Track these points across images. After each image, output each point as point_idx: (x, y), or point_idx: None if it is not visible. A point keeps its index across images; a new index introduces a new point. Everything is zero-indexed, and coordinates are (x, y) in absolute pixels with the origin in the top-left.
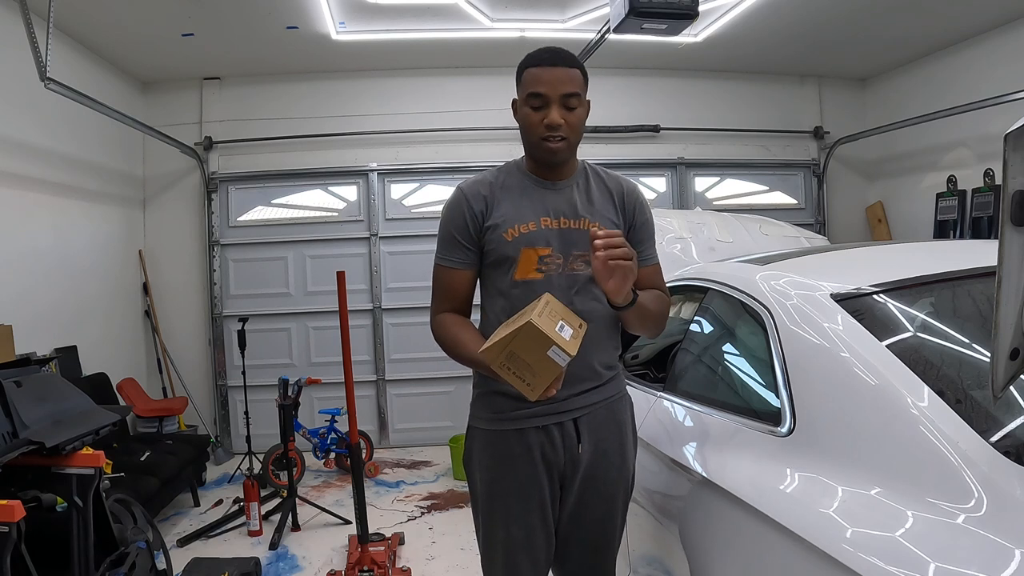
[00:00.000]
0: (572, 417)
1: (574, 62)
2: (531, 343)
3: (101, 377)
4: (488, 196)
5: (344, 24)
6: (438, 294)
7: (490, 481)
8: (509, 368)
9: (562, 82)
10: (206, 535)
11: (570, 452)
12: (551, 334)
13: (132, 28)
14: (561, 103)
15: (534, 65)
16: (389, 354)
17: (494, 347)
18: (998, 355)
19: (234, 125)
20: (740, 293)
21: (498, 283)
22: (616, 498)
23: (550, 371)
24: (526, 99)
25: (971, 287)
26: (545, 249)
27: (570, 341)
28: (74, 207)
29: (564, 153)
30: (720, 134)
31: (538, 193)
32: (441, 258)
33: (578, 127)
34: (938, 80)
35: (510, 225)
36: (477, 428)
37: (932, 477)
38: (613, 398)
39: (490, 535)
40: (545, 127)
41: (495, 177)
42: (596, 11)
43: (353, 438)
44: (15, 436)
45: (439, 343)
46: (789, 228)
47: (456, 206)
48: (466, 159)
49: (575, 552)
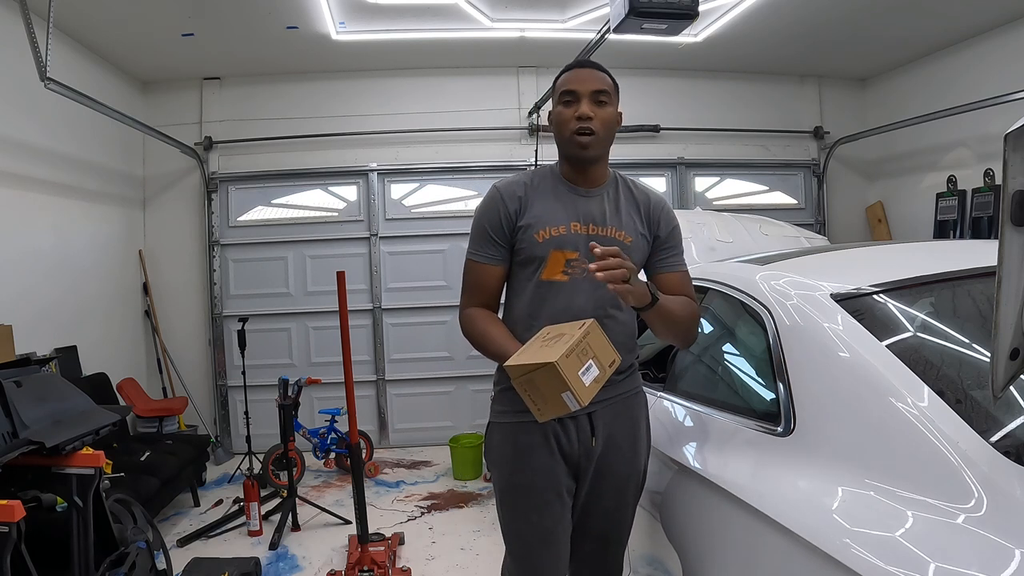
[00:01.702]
0: (588, 411)
1: (605, 70)
2: (550, 381)
3: (101, 377)
4: (523, 197)
5: (344, 24)
6: (468, 288)
7: (511, 473)
8: (526, 390)
9: (592, 80)
10: (206, 535)
11: (584, 444)
12: (571, 380)
13: (132, 28)
14: (591, 99)
15: (567, 71)
16: (389, 354)
17: (517, 367)
18: (998, 355)
19: (234, 125)
20: (740, 293)
21: (524, 281)
22: (626, 491)
23: (560, 408)
24: (559, 99)
25: (971, 287)
26: (573, 253)
27: (589, 387)
28: (74, 207)
29: (594, 148)
30: (720, 134)
31: (570, 198)
32: (473, 253)
33: (609, 124)
34: (938, 80)
35: (542, 227)
36: (496, 423)
37: (932, 477)
38: (627, 394)
39: (513, 527)
40: (576, 119)
41: (530, 179)
42: (596, 11)
43: (353, 438)
44: (15, 436)
45: (467, 336)
46: (789, 228)
47: (492, 203)
48: (466, 159)
49: (586, 543)
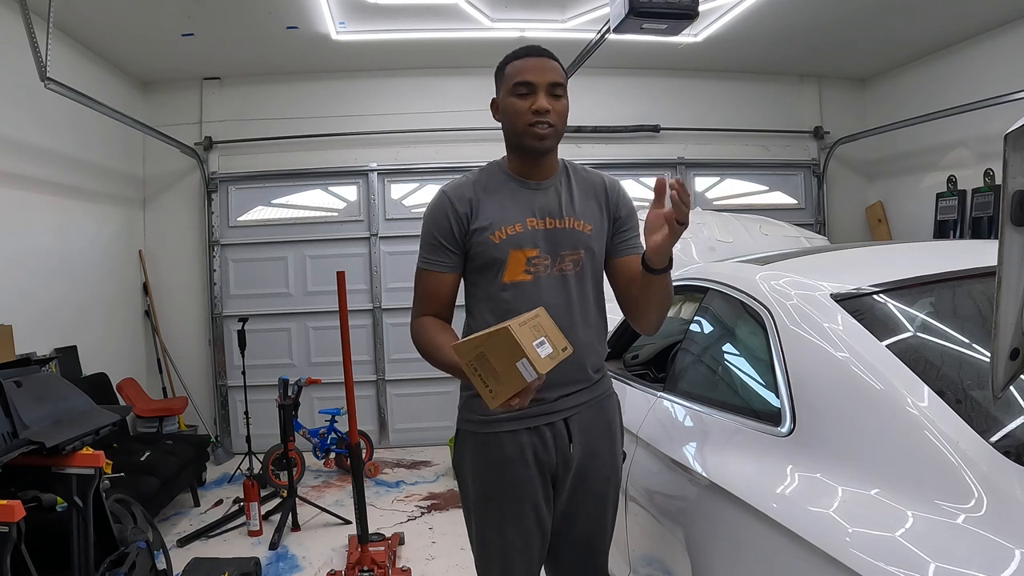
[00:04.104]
0: (563, 417)
1: (556, 57)
2: (503, 349)
3: (101, 377)
4: (472, 198)
5: (344, 24)
6: (420, 298)
7: (483, 484)
8: (476, 370)
9: (549, 72)
10: (206, 535)
11: (562, 452)
12: (525, 345)
13: (132, 28)
14: (548, 91)
15: (518, 59)
16: (389, 354)
17: (466, 344)
18: (998, 355)
19: (234, 125)
20: (740, 293)
21: (487, 287)
22: (607, 496)
23: (515, 383)
24: (512, 89)
25: (971, 287)
26: (532, 250)
27: (544, 359)
28: (74, 207)
29: (551, 141)
30: (720, 134)
31: (523, 194)
32: (424, 261)
33: (564, 117)
34: (938, 80)
35: (497, 227)
36: (467, 432)
37: (932, 477)
38: (601, 396)
39: (484, 538)
40: (533, 113)
41: (477, 179)
42: (596, 11)
43: (353, 438)
44: (15, 436)
45: (417, 346)
46: (789, 228)
47: (440, 209)
48: (466, 159)
49: (569, 551)
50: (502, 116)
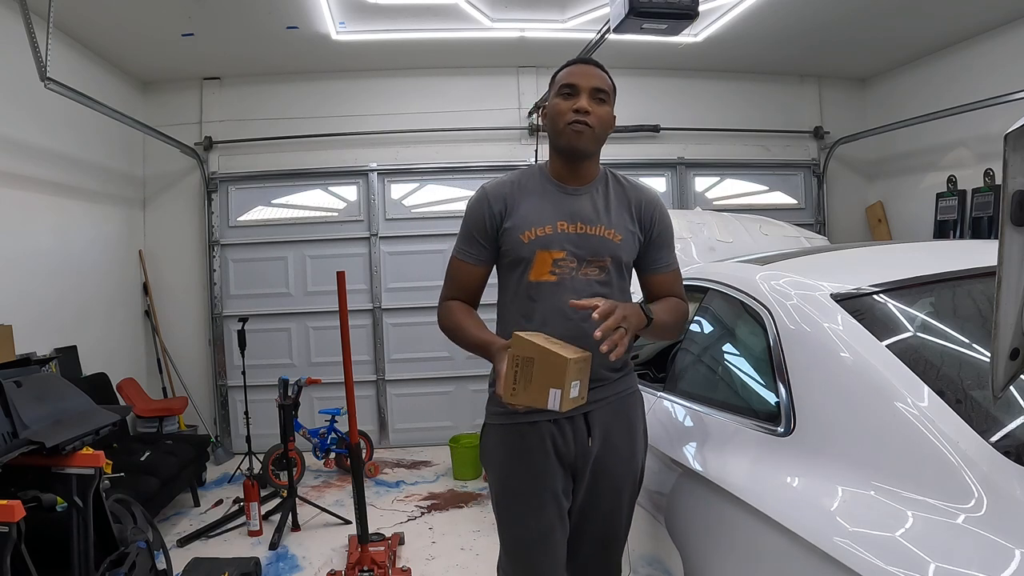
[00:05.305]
0: (584, 411)
1: (606, 70)
2: (549, 369)
3: (101, 377)
4: (508, 197)
5: (344, 24)
6: (450, 283)
7: (506, 476)
8: (517, 365)
9: (594, 77)
10: (206, 535)
11: (581, 445)
12: (567, 381)
13: (132, 28)
14: (591, 95)
15: (569, 66)
16: (389, 354)
17: (526, 342)
18: (998, 355)
19: (234, 125)
20: (740, 293)
21: (514, 283)
22: (623, 492)
23: (538, 400)
24: (557, 91)
25: (971, 287)
26: (559, 252)
27: (570, 400)
28: (74, 207)
29: (588, 141)
30: (720, 134)
31: (558, 197)
32: (459, 251)
33: (605, 123)
34: (938, 80)
35: (527, 228)
36: (492, 424)
37: (932, 477)
38: (623, 393)
39: (510, 530)
40: (573, 112)
41: (518, 179)
42: (596, 11)
43: (353, 438)
44: (15, 436)
45: (442, 325)
46: (789, 228)
47: (478, 204)
48: (466, 159)
49: (584, 545)
50: (547, 118)
